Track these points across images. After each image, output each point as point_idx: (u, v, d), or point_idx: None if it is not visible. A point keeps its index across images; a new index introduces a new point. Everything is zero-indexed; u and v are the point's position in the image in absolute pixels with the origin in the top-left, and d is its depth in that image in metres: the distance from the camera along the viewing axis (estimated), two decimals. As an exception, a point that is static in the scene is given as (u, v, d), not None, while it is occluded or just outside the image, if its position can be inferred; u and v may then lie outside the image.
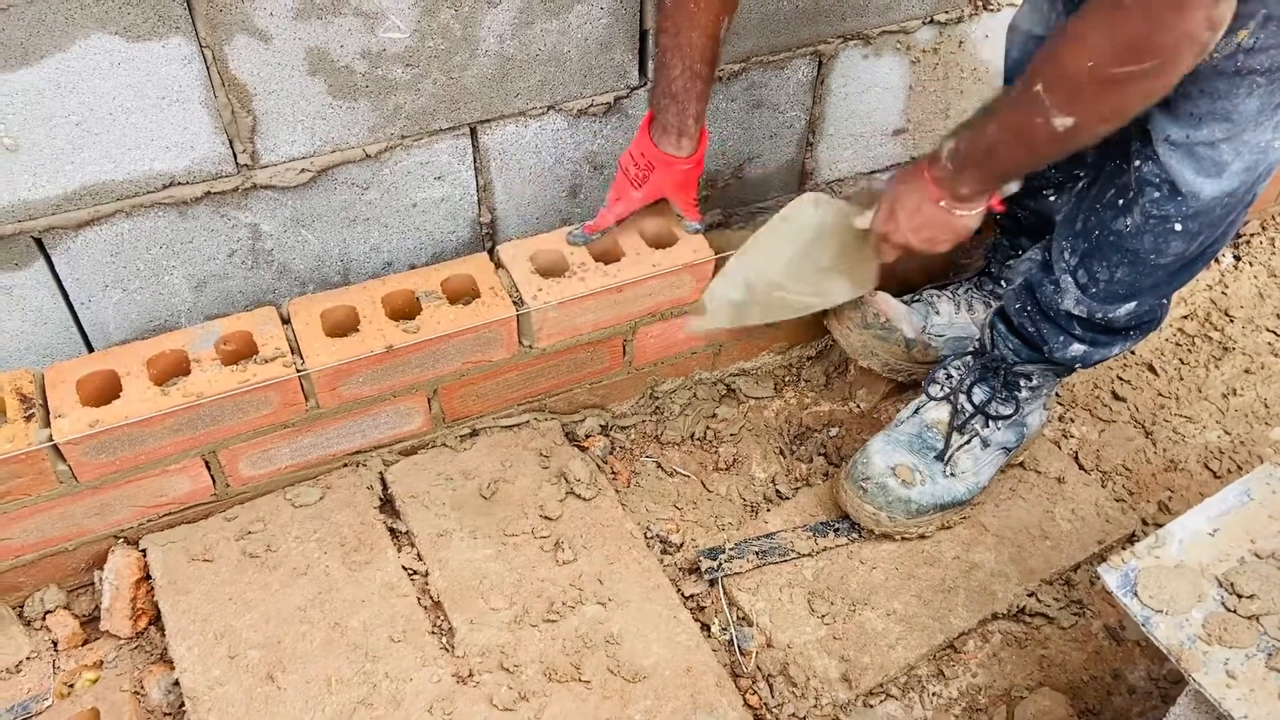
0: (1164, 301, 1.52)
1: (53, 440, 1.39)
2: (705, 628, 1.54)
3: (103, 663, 1.47)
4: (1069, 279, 1.47)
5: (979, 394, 1.66)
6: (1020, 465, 1.76)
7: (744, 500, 1.74)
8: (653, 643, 1.46)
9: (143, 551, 1.53)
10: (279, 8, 1.38)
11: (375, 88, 1.51)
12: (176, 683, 1.41)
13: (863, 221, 1.52)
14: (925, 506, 1.60)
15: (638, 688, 1.41)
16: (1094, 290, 1.46)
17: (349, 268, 1.69)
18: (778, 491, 1.75)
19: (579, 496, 1.63)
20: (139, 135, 1.41)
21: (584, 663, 1.43)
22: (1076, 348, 1.54)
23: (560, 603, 1.49)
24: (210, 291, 1.61)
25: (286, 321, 1.57)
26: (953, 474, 1.63)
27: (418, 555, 1.56)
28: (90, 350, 1.58)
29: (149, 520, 1.54)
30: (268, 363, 1.49)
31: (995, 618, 1.57)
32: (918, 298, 1.87)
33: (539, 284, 1.62)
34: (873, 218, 1.48)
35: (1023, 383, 1.65)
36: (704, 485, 1.76)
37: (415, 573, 1.54)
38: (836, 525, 1.64)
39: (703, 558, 1.59)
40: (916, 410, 1.70)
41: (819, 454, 1.82)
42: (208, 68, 1.39)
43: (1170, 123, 1.29)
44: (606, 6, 1.59)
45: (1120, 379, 1.95)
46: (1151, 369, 1.98)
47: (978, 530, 1.66)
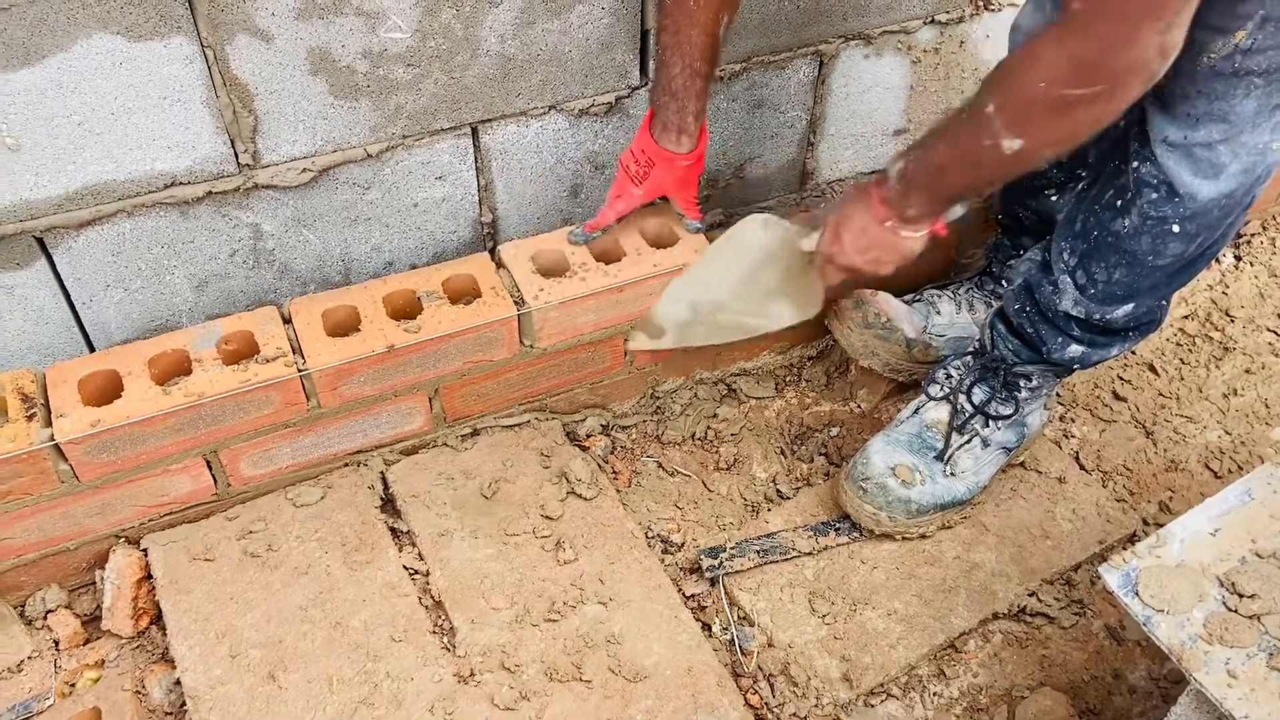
0: (1163, 303, 1.52)
1: (54, 440, 1.39)
2: (706, 627, 1.54)
3: (104, 662, 1.47)
4: (1067, 279, 1.47)
5: (979, 394, 1.66)
6: (1021, 465, 1.76)
7: (745, 500, 1.74)
8: (654, 642, 1.46)
9: (144, 551, 1.53)
10: (280, 8, 1.38)
11: (377, 87, 1.51)
12: (178, 682, 1.41)
13: (809, 243, 1.50)
14: (925, 506, 1.61)
15: (639, 687, 1.41)
16: (1092, 291, 1.46)
17: (350, 267, 1.70)
18: (779, 491, 1.75)
19: (580, 496, 1.63)
20: (140, 135, 1.41)
21: (585, 662, 1.43)
22: (1075, 349, 1.54)
23: (561, 602, 1.49)
24: (212, 291, 1.61)
25: (288, 321, 1.57)
26: (952, 474, 1.63)
27: (419, 555, 1.56)
28: (92, 350, 1.58)
29: (150, 520, 1.55)
30: (269, 362, 1.49)
31: (996, 617, 1.57)
32: (919, 297, 1.87)
33: (540, 284, 1.62)
34: (818, 239, 1.46)
35: (1022, 383, 1.65)
36: (705, 485, 1.76)
37: (416, 572, 1.54)
38: (837, 525, 1.64)
39: (704, 557, 1.59)
40: (916, 410, 1.70)
41: (820, 454, 1.82)
42: (209, 68, 1.39)
43: (1168, 123, 1.29)
44: (608, 6, 1.59)
45: (1121, 379, 1.95)
46: (1152, 369, 1.98)
47: (978, 530, 1.66)
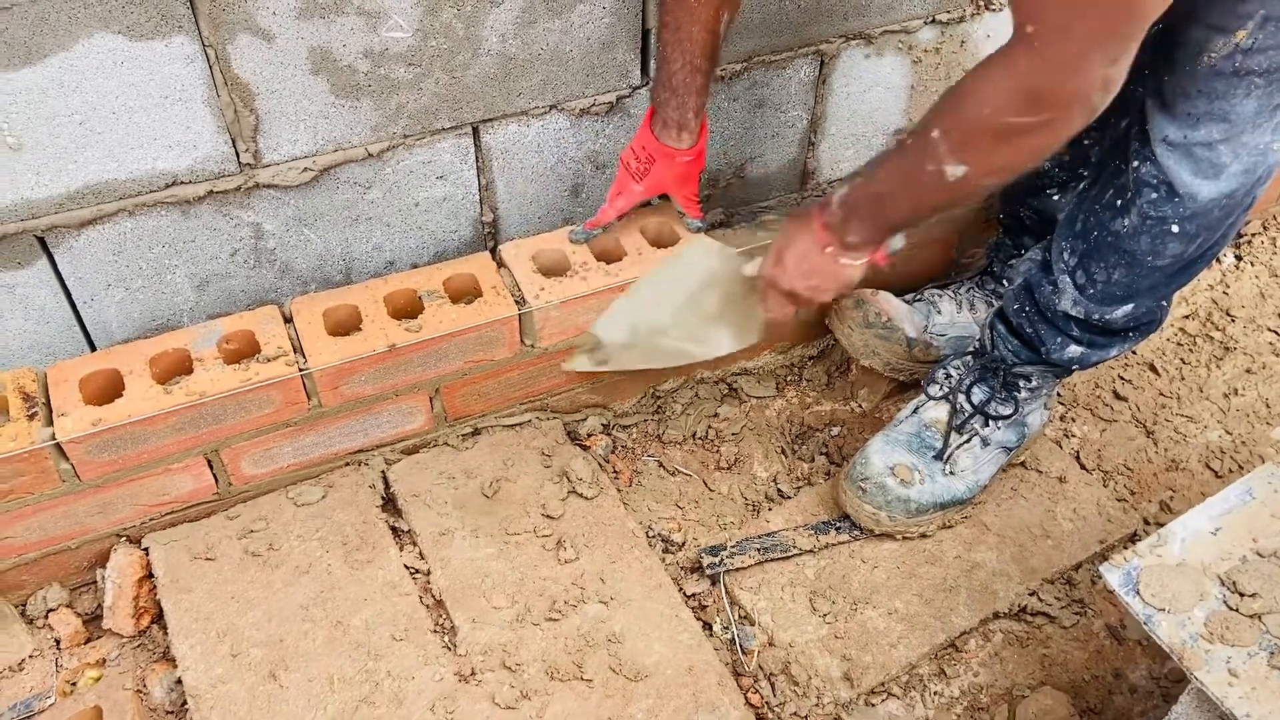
0: (1163, 304, 1.52)
1: (55, 439, 1.39)
2: (707, 627, 1.54)
3: (105, 661, 1.47)
4: (1067, 279, 1.47)
5: (978, 394, 1.66)
6: (1022, 465, 1.76)
7: (746, 499, 1.74)
8: (654, 641, 1.46)
9: (145, 550, 1.53)
10: (281, 7, 1.38)
11: (378, 87, 1.51)
12: (179, 681, 1.41)
13: (751, 268, 1.49)
14: (925, 505, 1.61)
15: (639, 686, 1.41)
16: (1091, 291, 1.46)
17: (351, 267, 1.70)
18: (779, 491, 1.75)
19: (581, 495, 1.64)
20: (142, 134, 1.41)
21: (586, 661, 1.43)
22: (1074, 349, 1.54)
23: (562, 601, 1.50)
24: (213, 290, 1.61)
25: (289, 320, 1.57)
26: (952, 473, 1.63)
27: (420, 554, 1.56)
28: (93, 349, 1.58)
29: (151, 519, 1.55)
30: (270, 361, 1.49)
31: (997, 617, 1.57)
32: (919, 297, 1.87)
33: (541, 283, 1.62)
34: (761, 263, 1.46)
35: (1022, 383, 1.65)
36: (706, 484, 1.76)
37: (417, 571, 1.54)
38: (838, 524, 1.64)
39: (704, 555, 1.59)
40: (915, 410, 1.70)
41: (820, 453, 1.82)
42: (210, 67, 1.39)
43: (1168, 123, 1.29)
44: (609, 6, 1.59)
45: (1122, 379, 1.95)
46: (1153, 368, 1.98)
47: (979, 529, 1.66)
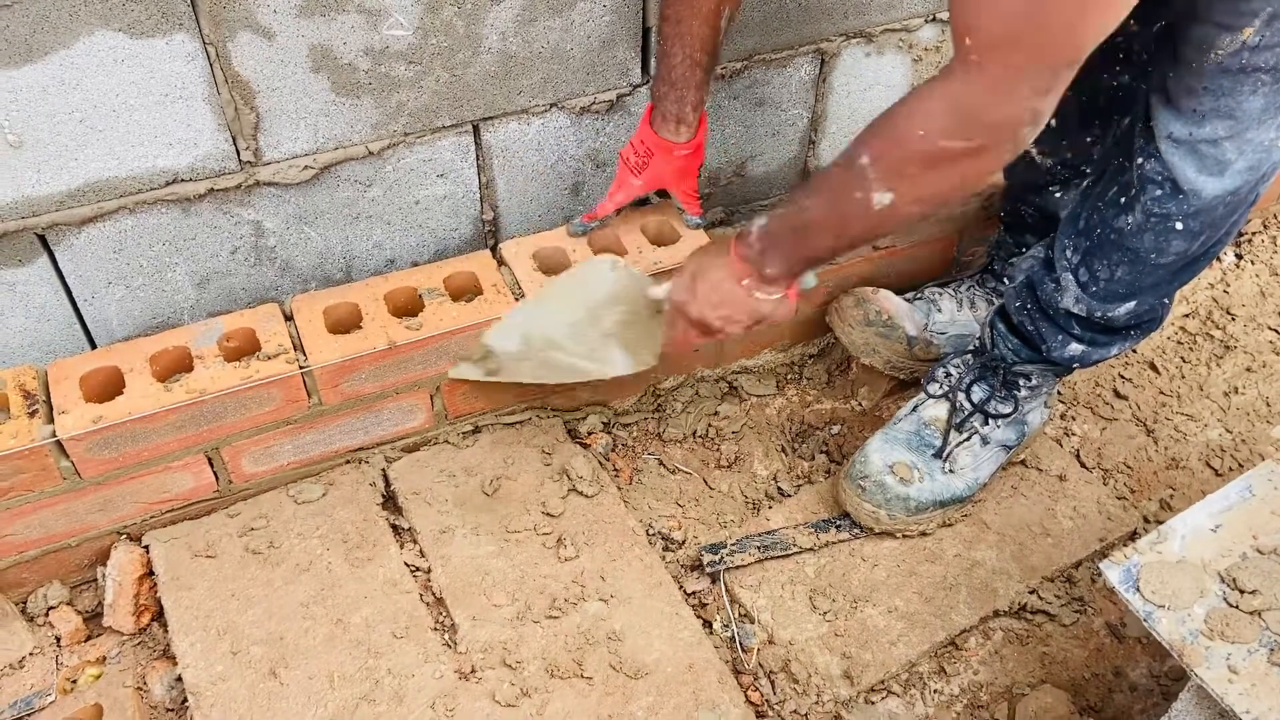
0: (1164, 301, 1.52)
1: (56, 436, 1.39)
2: (707, 624, 1.54)
3: (105, 659, 1.47)
4: (1069, 277, 1.47)
5: (978, 392, 1.66)
6: (1022, 463, 1.76)
7: (746, 498, 1.74)
8: (655, 639, 1.46)
9: (146, 548, 1.53)
10: (282, 5, 1.38)
11: (378, 85, 1.51)
12: (179, 678, 1.41)
13: (658, 290, 1.47)
14: (924, 504, 1.61)
15: (640, 684, 1.41)
16: (1094, 289, 1.45)
17: (352, 265, 1.70)
18: (779, 489, 1.75)
19: (581, 493, 1.64)
20: (142, 132, 1.41)
21: (586, 659, 1.43)
22: (1075, 347, 1.54)
23: (562, 599, 1.50)
24: (213, 288, 1.61)
25: (289, 318, 1.57)
26: (951, 471, 1.63)
27: (420, 552, 1.56)
28: (93, 347, 1.58)
29: (152, 516, 1.55)
30: (270, 359, 1.49)
31: (997, 615, 1.57)
32: (920, 295, 1.87)
33: (542, 281, 1.62)
34: (671, 287, 1.44)
35: (1021, 382, 1.65)
36: (706, 483, 1.76)
37: (418, 569, 1.54)
38: (838, 522, 1.64)
39: (705, 552, 1.59)
40: (915, 408, 1.70)
41: (821, 451, 1.82)
42: (211, 65, 1.39)
43: (1174, 119, 1.29)
44: (609, 4, 1.59)
45: (1122, 377, 1.95)
46: (1153, 367, 1.98)
47: (979, 528, 1.66)
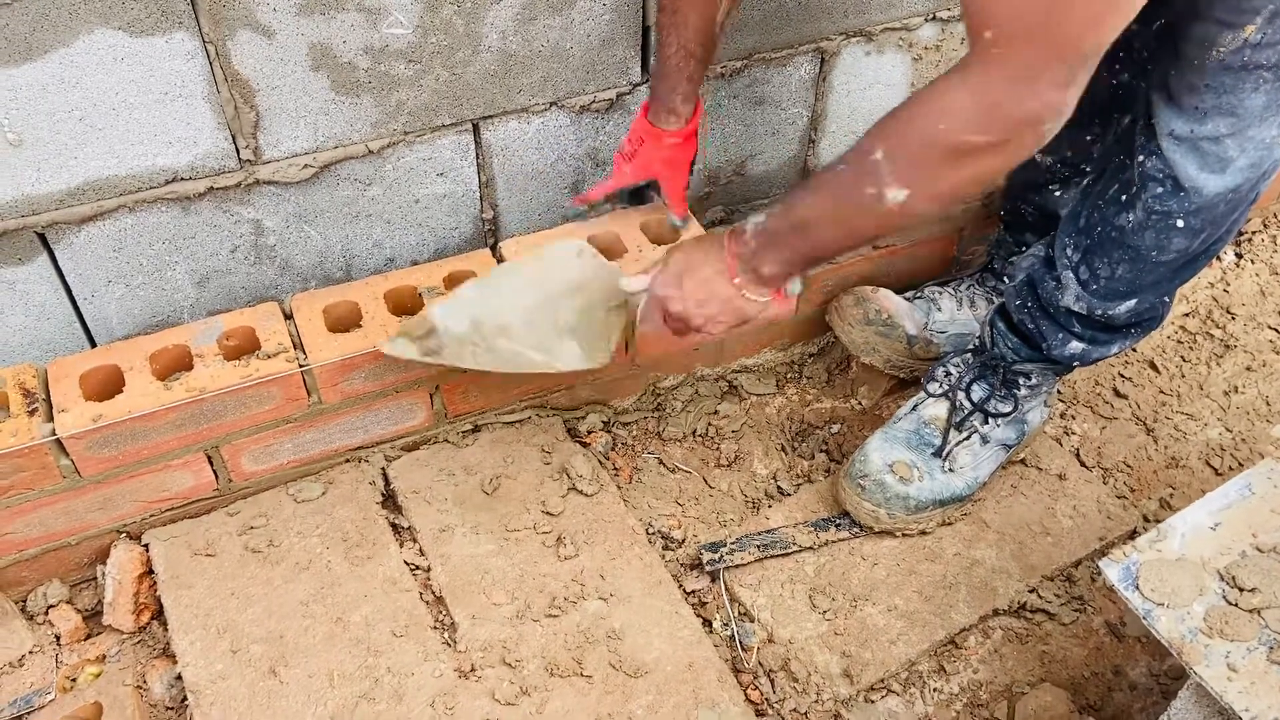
0: (1165, 299, 1.52)
1: (56, 434, 1.39)
2: (707, 623, 1.54)
3: (105, 657, 1.47)
4: (1070, 275, 1.47)
5: (978, 391, 1.66)
6: (1021, 462, 1.76)
7: (746, 496, 1.74)
8: (654, 638, 1.46)
9: (145, 546, 1.53)
10: (282, 3, 1.38)
11: (378, 83, 1.51)
12: (179, 677, 1.41)
13: (632, 283, 1.39)
14: (924, 503, 1.61)
15: (639, 683, 1.41)
16: (1095, 287, 1.45)
17: (351, 263, 1.70)
18: (779, 488, 1.75)
19: (581, 492, 1.64)
20: (142, 130, 1.41)
21: (586, 658, 1.43)
22: (1075, 345, 1.54)
23: (562, 598, 1.50)
24: (213, 287, 1.61)
25: (289, 317, 1.57)
26: (951, 470, 1.63)
27: (420, 550, 1.56)
28: (93, 345, 1.58)
29: (151, 515, 1.55)
30: (270, 358, 1.49)
31: (996, 614, 1.57)
32: (919, 294, 1.87)
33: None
34: (652, 281, 1.37)
35: (1021, 381, 1.65)
36: (706, 481, 1.76)
37: (417, 568, 1.54)
38: (838, 521, 1.64)
39: (704, 551, 1.59)
40: (914, 407, 1.70)
41: (821, 450, 1.82)
42: (211, 63, 1.39)
43: (1175, 117, 1.29)
44: (609, 3, 1.59)
45: (1122, 376, 1.95)
46: (1153, 366, 1.98)
47: (979, 526, 1.66)
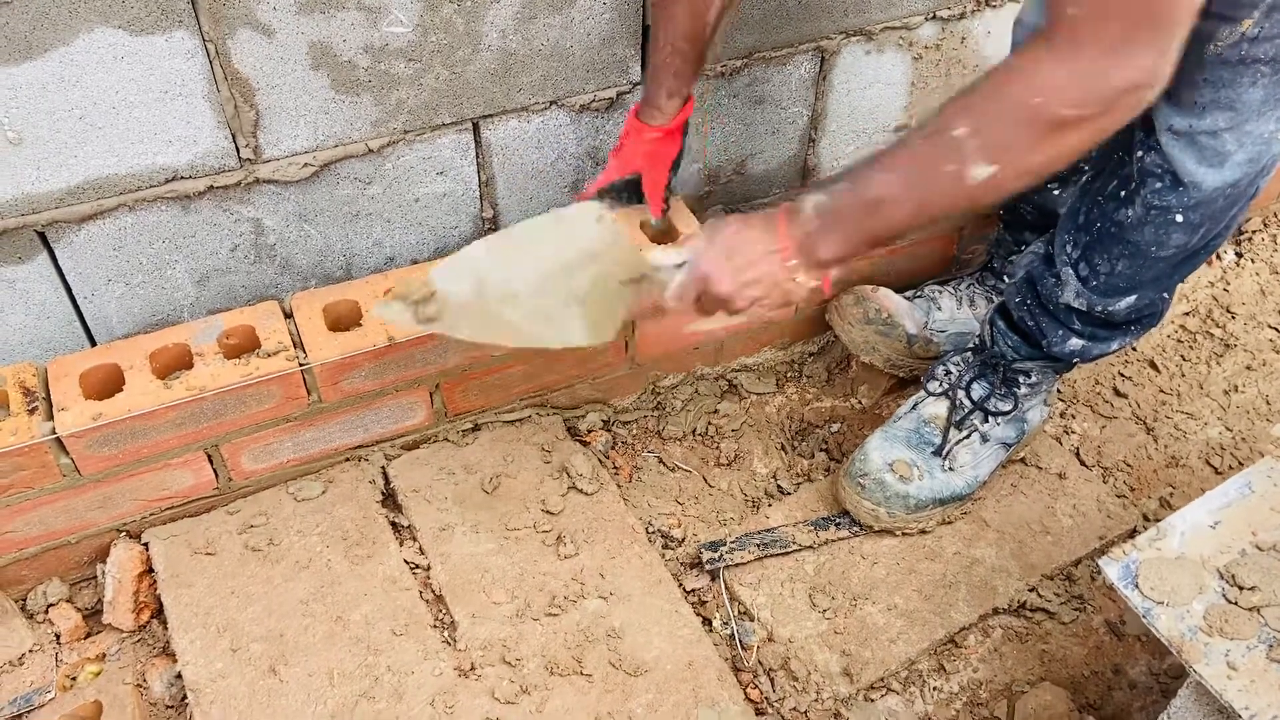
0: (1164, 295, 1.52)
1: (56, 433, 1.39)
2: (706, 622, 1.54)
3: (105, 655, 1.48)
4: (1070, 271, 1.47)
5: (978, 390, 1.66)
6: (1021, 461, 1.76)
7: (745, 495, 1.74)
8: (654, 636, 1.46)
9: (145, 545, 1.53)
10: (282, 2, 1.38)
11: (378, 82, 1.51)
12: (179, 675, 1.41)
13: (667, 256, 1.28)
14: (924, 501, 1.61)
15: (639, 681, 1.41)
16: (1095, 283, 1.45)
17: (351, 262, 1.70)
18: (779, 487, 1.75)
19: (581, 491, 1.64)
20: (142, 129, 1.41)
21: (585, 656, 1.43)
22: (1075, 342, 1.54)
23: (562, 597, 1.50)
24: (213, 286, 1.61)
25: (289, 316, 1.57)
26: (950, 469, 1.63)
27: (420, 549, 1.56)
28: (93, 344, 1.58)
29: (151, 514, 1.55)
30: (270, 357, 1.49)
31: (996, 612, 1.57)
32: (919, 293, 1.87)
33: (541, 279, 1.62)
34: (695, 255, 1.27)
35: (1022, 379, 1.65)
36: (705, 480, 1.76)
37: (417, 566, 1.54)
38: (838, 520, 1.64)
39: (704, 550, 1.59)
40: (914, 406, 1.70)
41: (820, 449, 1.82)
42: (210, 62, 1.39)
43: (1173, 111, 1.29)
44: (609, 2, 1.59)
45: (1122, 375, 1.95)
46: (1153, 365, 1.98)
47: (979, 525, 1.66)
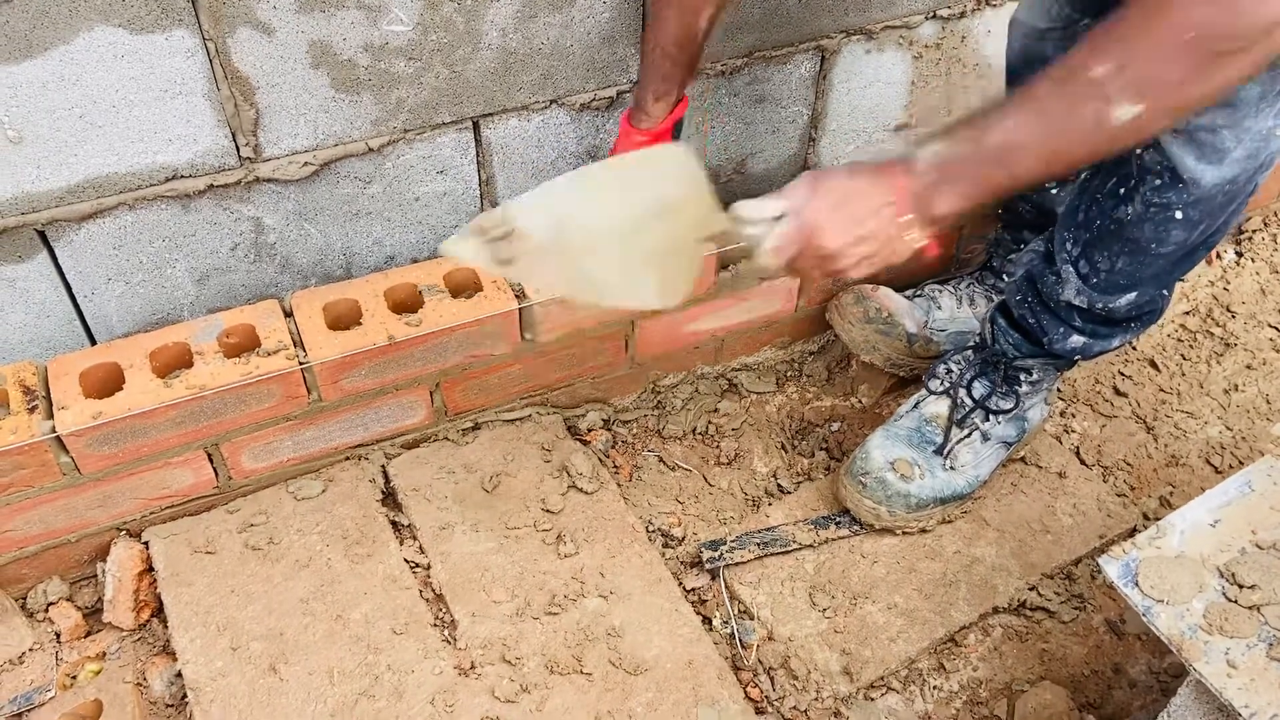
0: (1164, 292, 1.51)
1: (56, 432, 1.39)
2: (706, 621, 1.54)
3: (105, 654, 1.48)
4: (1070, 269, 1.47)
5: (979, 388, 1.66)
6: (1021, 460, 1.76)
7: (745, 494, 1.74)
8: (654, 635, 1.46)
9: (145, 544, 1.53)
10: (282, 0, 1.38)
11: (378, 81, 1.51)
12: (179, 674, 1.41)
13: (761, 208, 1.14)
14: (925, 500, 1.61)
15: (639, 680, 1.41)
16: (1095, 280, 1.45)
17: (351, 261, 1.70)
18: (779, 486, 1.75)
19: (581, 490, 1.64)
20: (142, 128, 1.41)
21: (585, 655, 1.43)
22: (1076, 339, 1.54)
23: (562, 595, 1.50)
24: (213, 285, 1.61)
25: (289, 314, 1.57)
26: (952, 468, 1.63)
27: (420, 548, 1.56)
28: (93, 342, 1.58)
29: (151, 512, 1.55)
30: (270, 355, 1.49)
31: (996, 611, 1.57)
32: (919, 293, 1.87)
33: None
34: (800, 206, 1.16)
35: (1023, 377, 1.65)
36: (705, 479, 1.76)
37: (417, 565, 1.54)
38: (838, 519, 1.64)
39: (704, 549, 1.59)
40: (916, 405, 1.70)
41: (820, 449, 1.82)
42: (211, 60, 1.39)
43: None
44: (609, 0, 1.59)
45: (1122, 374, 1.95)
46: (1153, 364, 1.98)
47: (979, 524, 1.66)
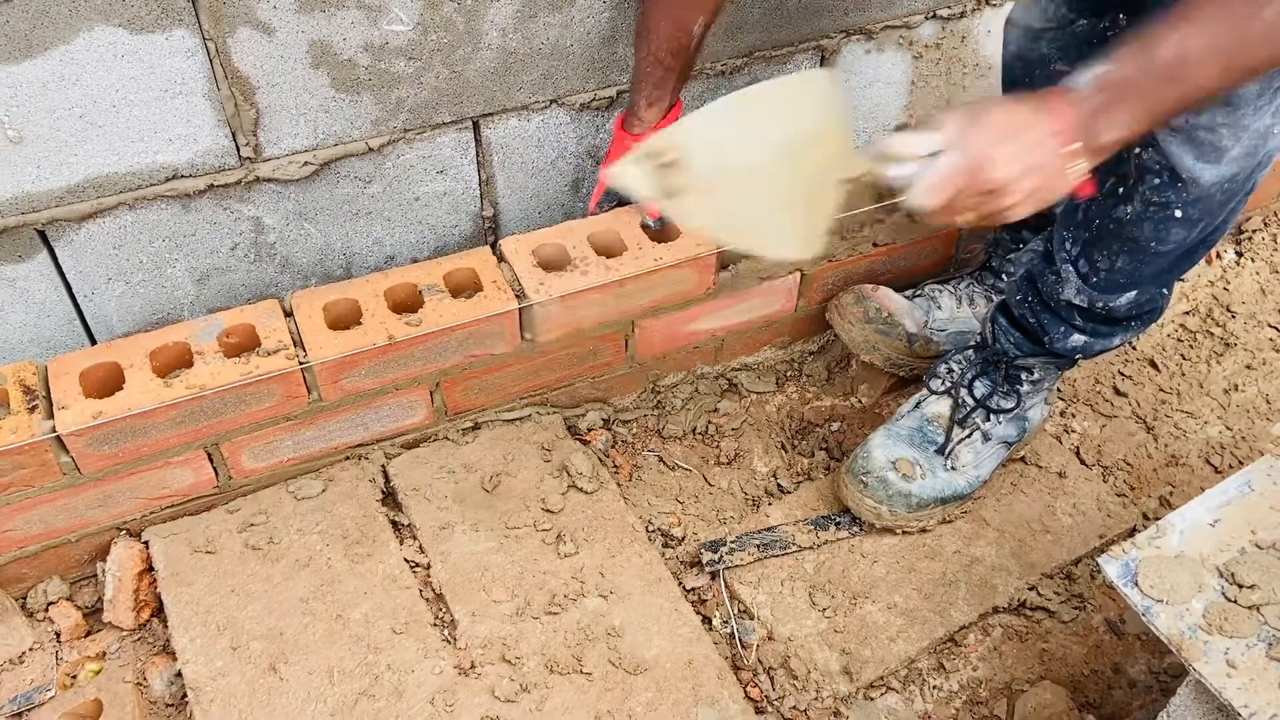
0: (1164, 291, 1.52)
1: (56, 432, 1.39)
2: (706, 620, 1.54)
3: (105, 654, 1.47)
4: (1070, 268, 1.47)
5: (980, 388, 1.66)
6: (1021, 460, 1.76)
7: (745, 494, 1.74)
8: (654, 635, 1.46)
9: (145, 543, 1.53)
10: (282, 0, 1.38)
11: (378, 81, 1.51)
12: (179, 674, 1.41)
13: (912, 143, 1.06)
14: (926, 500, 1.61)
15: (639, 679, 1.41)
16: (1095, 279, 1.46)
17: (351, 261, 1.70)
18: (779, 486, 1.75)
19: (581, 490, 1.64)
20: (142, 128, 1.41)
21: (585, 655, 1.43)
22: (1077, 338, 1.54)
23: (562, 595, 1.50)
24: (213, 284, 1.61)
25: (289, 314, 1.57)
26: (953, 468, 1.63)
27: (420, 548, 1.56)
28: (93, 342, 1.58)
29: (152, 512, 1.55)
30: (270, 355, 1.49)
31: (996, 611, 1.57)
32: (919, 293, 1.87)
33: (541, 278, 1.62)
34: (958, 138, 1.06)
35: (1024, 376, 1.65)
36: (705, 479, 1.76)
37: (417, 565, 1.54)
38: (838, 519, 1.64)
39: (704, 550, 1.59)
40: (917, 404, 1.70)
41: (820, 448, 1.82)
42: (211, 60, 1.39)
43: None
44: (610, 0, 1.59)
45: (1122, 374, 1.95)
46: (1153, 364, 1.98)
47: (979, 524, 1.66)
